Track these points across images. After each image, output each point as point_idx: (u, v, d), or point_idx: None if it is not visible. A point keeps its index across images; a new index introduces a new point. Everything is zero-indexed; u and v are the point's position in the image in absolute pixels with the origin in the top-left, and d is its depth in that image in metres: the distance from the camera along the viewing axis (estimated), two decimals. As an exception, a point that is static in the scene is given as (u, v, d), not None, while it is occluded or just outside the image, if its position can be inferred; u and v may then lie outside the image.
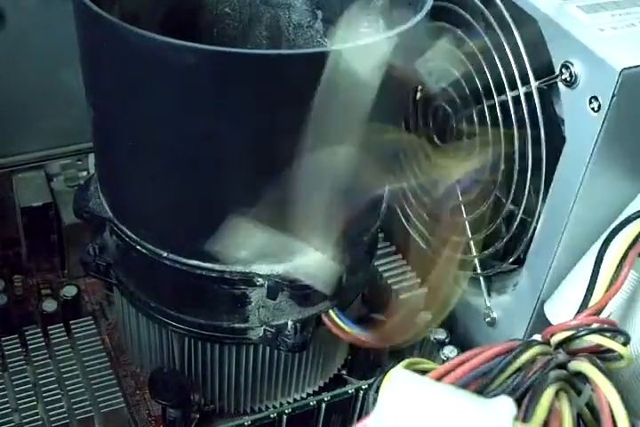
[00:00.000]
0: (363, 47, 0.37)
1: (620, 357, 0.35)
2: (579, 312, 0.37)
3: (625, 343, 0.35)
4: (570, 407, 0.32)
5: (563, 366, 0.35)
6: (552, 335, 0.36)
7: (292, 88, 0.37)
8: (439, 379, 0.31)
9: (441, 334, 0.56)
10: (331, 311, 0.47)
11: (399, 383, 0.27)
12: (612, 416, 0.31)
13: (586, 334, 0.35)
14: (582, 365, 0.34)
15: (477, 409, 0.26)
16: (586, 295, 0.38)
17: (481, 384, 0.31)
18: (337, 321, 0.47)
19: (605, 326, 0.36)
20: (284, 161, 0.40)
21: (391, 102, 0.43)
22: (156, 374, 0.49)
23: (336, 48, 0.37)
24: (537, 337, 0.37)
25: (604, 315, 0.38)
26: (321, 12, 0.49)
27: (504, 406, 0.26)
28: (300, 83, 0.37)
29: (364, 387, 0.52)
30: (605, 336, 0.35)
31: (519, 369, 0.33)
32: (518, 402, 0.30)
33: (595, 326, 0.36)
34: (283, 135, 0.39)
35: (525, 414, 0.30)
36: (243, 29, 0.50)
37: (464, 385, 0.30)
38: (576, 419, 0.33)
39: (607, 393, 0.32)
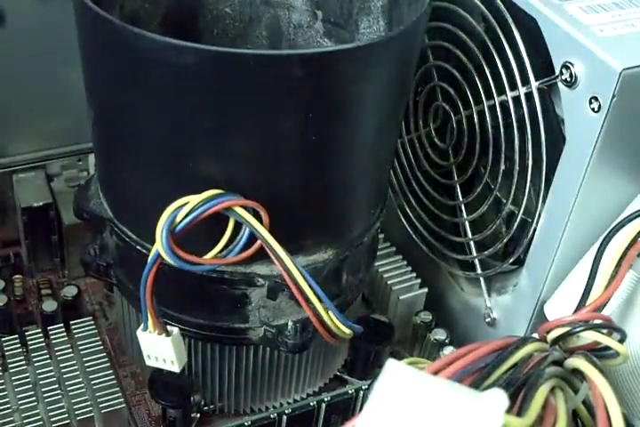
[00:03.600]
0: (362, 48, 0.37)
1: (617, 354, 0.35)
2: (576, 310, 0.37)
3: (621, 340, 0.35)
4: (565, 404, 0.32)
5: (559, 363, 0.35)
6: (548, 332, 0.36)
7: (292, 88, 0.37)
8: (435, 373, 0.31)
9: (441, 335, 0.56)
10: (330, 312, 0.47)
11: (393, 375, 0.27)
12: (608, 413, 0.31)
13: (581, 331, 0.35)
14: (579, 362, 0.34)
15: (469, 401, 0.26)
16: (584, 293, 0.38)
17: (476, 379, 0.31)
18: (336, 322, 0.47)
19: (601, 322, 0.36)
20: (286, 162, 0.41)
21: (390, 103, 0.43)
22: (156, 374, 0.49)
23: (337, 48, 0.37)
24: (535, 335, 0.37)
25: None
26: (321, 12, 0.49)
27: (495, 397, 0.26)
28: (300, 83, 0.37)
29: (364, 387, 0.52)
30: (601, 333, 0.35)
31: (515, 365, 0.33)
32: (513, 398, 0.30)
33: (590, 322, 0.36)
34: (285, 137, 0.39)
35: (520, 409, 0.30)
36: (243, 29, 0.51)
37: (459, 380, 0.30)
38: (571, 416, 0.33)
39: (603, 390, 0.32)
